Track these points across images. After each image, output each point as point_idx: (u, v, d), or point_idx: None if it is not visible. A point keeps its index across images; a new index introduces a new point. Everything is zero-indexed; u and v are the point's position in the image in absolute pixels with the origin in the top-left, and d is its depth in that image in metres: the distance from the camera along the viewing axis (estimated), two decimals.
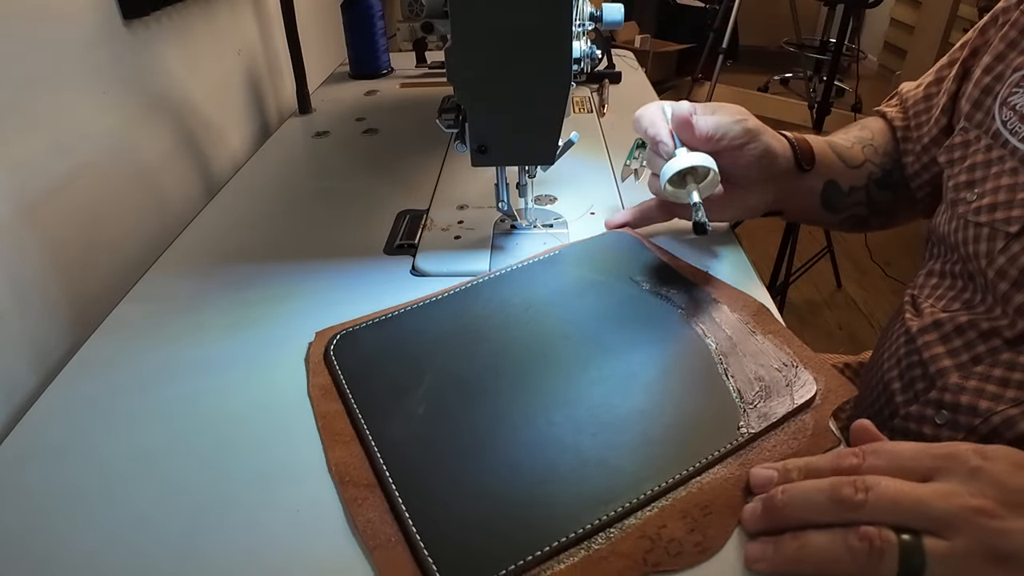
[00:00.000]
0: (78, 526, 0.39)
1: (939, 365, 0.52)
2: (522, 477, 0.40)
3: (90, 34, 0.64)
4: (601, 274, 0.57)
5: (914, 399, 0.54)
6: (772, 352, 0.48)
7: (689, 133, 0.57)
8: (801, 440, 0.42)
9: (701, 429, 0.43)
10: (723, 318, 0.52)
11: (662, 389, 0.46)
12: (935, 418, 0.51)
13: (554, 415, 0.44)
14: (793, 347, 0.49)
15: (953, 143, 0.57)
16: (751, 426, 0.42)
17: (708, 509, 0.38)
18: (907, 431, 0.52)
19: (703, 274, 0.57)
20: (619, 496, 0.39)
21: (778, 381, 0.46)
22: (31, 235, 0.56)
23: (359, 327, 0.53)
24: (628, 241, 0.62)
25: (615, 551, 0.36)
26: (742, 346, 0.49)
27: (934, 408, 0.51)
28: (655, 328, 0.51)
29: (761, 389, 0.45)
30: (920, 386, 0.54)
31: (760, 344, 0.49)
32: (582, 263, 0.59)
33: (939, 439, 0.50)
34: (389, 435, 0.44)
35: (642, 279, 0.57)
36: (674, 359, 0.49)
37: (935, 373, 0.52)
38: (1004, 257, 0.49)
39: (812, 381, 0.45)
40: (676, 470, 0.40)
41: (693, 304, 0.53)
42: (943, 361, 0.52)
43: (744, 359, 0.48)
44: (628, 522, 0.38)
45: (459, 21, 0.50)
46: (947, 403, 0.50)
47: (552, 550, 0.36)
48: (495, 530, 0.37)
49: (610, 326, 0.52)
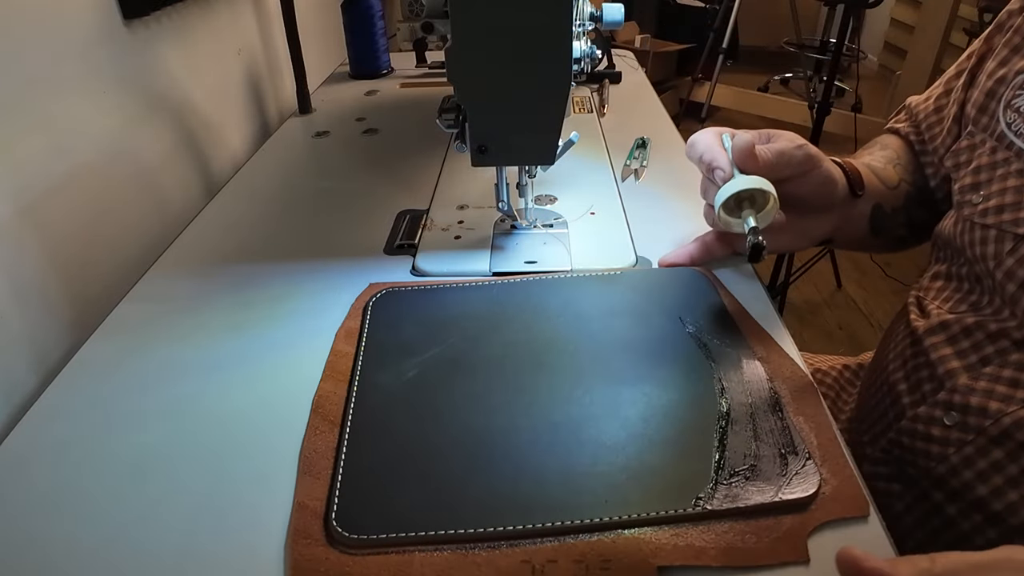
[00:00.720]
0: (78, 526, 0.39)
1: (947, 366, 0.52)
2: (465, 462, 0.41)
3: (90, 34, 0.64)
4: (650, 304, 0.55)
5: (921, 400, 0.53)
6: (789, 436, 0.43)
7: (753, 164, 0.53)
8: (760, 540, 0.37)
9: (656, 485, 0.40)
10: (754, 385, 0.47)
11: (640, 433, 0.43)
12: (944, 419, 0.50)
13: (524, 419, 0.44)
14: (821, 439, 0.43)
15: (959, 147, 0.57)
16: (710, 502, 0.38)
17: (608, 564, 0.36)
18: (915, 432, 0.52)
19: (763, 335, 0.52)
20: (536, 515, 0.38)
21: (772, 468, 0.41)
22: (31, 235, 0.56)
23: (403, 289, 0.57)
24: (699, 282, 0.58)
25: (492, 563, 0.36)
26: (757, 418, 0.44)
27: (943, 409, 0.51)
28: (673, 371, 0.48)
29: (748, 469, 0.41)
30: (927, 387, 0.53)
31: (778, 423, 0.44)
32: (637, 289, 0.57)
33: (948, 440, 0.50)
34: (372, 385, 0.47)
35: (690, 321, 0.53)
36: (672, 407, 0.45)
37: (943, 374, 0.52)
38: (1012, 259, 0.49)
39: (816, 481, 0.39)
40: (601, 512, 0.38)
41: (729, 361, 0.49)
42: (951, 362, 0.52)
43: (749, 432, 0.43)
44: (524, 543, 0.37)
45: (459, 21, 0.50)
46: (956, 404, 0.50)
47: (440, 537, 0.37)
48: (410, 498, 0.39)
49: (628, 356, 0.50)
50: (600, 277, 0.59)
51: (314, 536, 0.37)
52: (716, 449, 0.42)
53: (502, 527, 0.37)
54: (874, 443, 0.57)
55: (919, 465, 0.52)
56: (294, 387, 0.48)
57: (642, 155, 0.82)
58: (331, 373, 0.49)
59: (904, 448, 0.53)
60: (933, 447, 0.51)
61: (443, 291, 0.57)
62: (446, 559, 0.36)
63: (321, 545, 0.37)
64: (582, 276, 0.59)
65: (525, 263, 0.61)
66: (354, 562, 0.36)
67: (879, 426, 0.57)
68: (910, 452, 0.53)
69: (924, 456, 0.52)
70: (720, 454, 0.42)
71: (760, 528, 0.37)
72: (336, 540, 0.37)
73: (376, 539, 0.37)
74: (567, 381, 0.47)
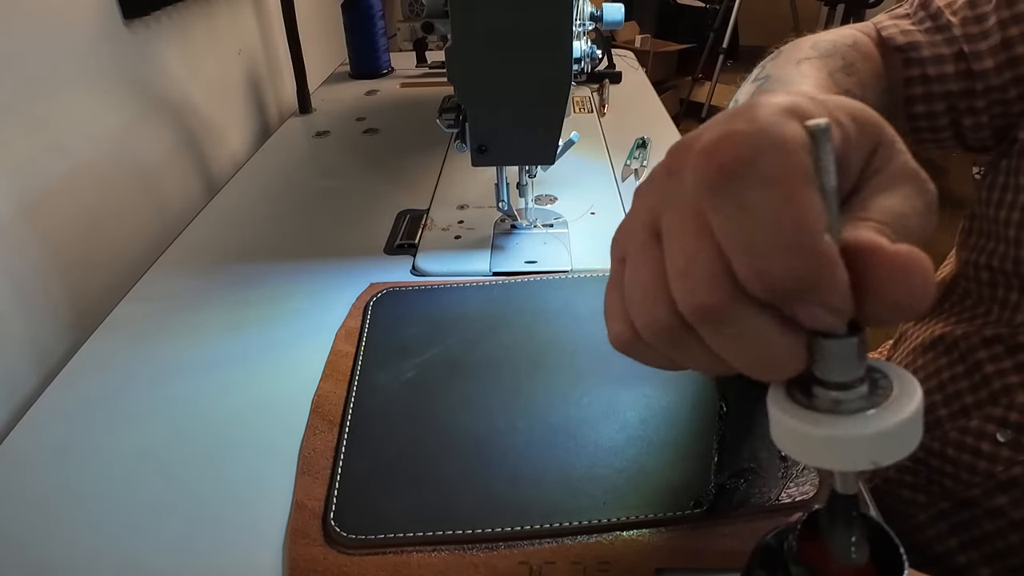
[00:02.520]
0: (78, 525, 0.39)
1: (1006, 381, 0.48)
2: (464, 463, 0.41)
3: (90, 34, 0.64)
4: None
5: (962, 413, 0.50)
6: None
7: None
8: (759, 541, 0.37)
9: (655, 486, 0.39)
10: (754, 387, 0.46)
11: (639, 434, 0.43)
12: (997, 435, 0.48)
13: (523, 420, 0.44)
14: None
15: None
16: (709, 504, 0.38)
17: (607, 566, 0.35)
18: (963, 444, 0.49)
19: None
20: (534, 516, 0.38)
21: (772, 470, 0.40)
22: (32, 235, 0.56)
23: (404, 289, 0.57)
24: None
25: (490, 564, 0.36)
26: (757, 420, 0.43)
27: (996, 425, 0.48)
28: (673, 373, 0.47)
29: (748, 471, 0.40)
30: (969, 399, 0.50)
31: None
32: None
33: (997, 457, 0.47)
34: (372, 385, 0.47)
35: None
36: (671, 409, 0.45)
37: (1000, 389, 0.48)
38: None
39: (816, 484, 0.39)
40: (600, 514, 0.38)
41: None
42: (1010, 377, 0.48)
43: (752, 434, 0.43)
44: (521, 544, 0.37)
45: (459, 21, 0.50)
46: (1012, 422, 0.47)
47: (437, 538, 0.37)
48: (409, 498, 0.39)
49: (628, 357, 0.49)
50: (600, 278, 0.59)
51: (312, 536, 0.37)
52: (715, 451, 0.42)
53: (500, 528, 0.37)
54: None
55: (962, 479, 0.49)
56: (294, 387, 0.48)
57: (642, 155, 0.82)
58: (331, 373, 0.49)
59: (946, 459, 0.50)
60: (981, 462, 0.48)
61: (443, 291, 0.57)
62: (444, 560, 0.36)
63: (319, 545, 0.37)
64: (582, 277, 0.59)
65: (525, 263, 0.61)
66: (352, 562, 0.36)
67: None
68: (952, 464, 0.50)
69: (969, 470, 0.49)
70: (719, 456, 0.41)
71: (759, 531, 0.37)
72: (334, 540, 0.37)
73: (374, 539, 0.37)
74: (566, 382, 0.47)
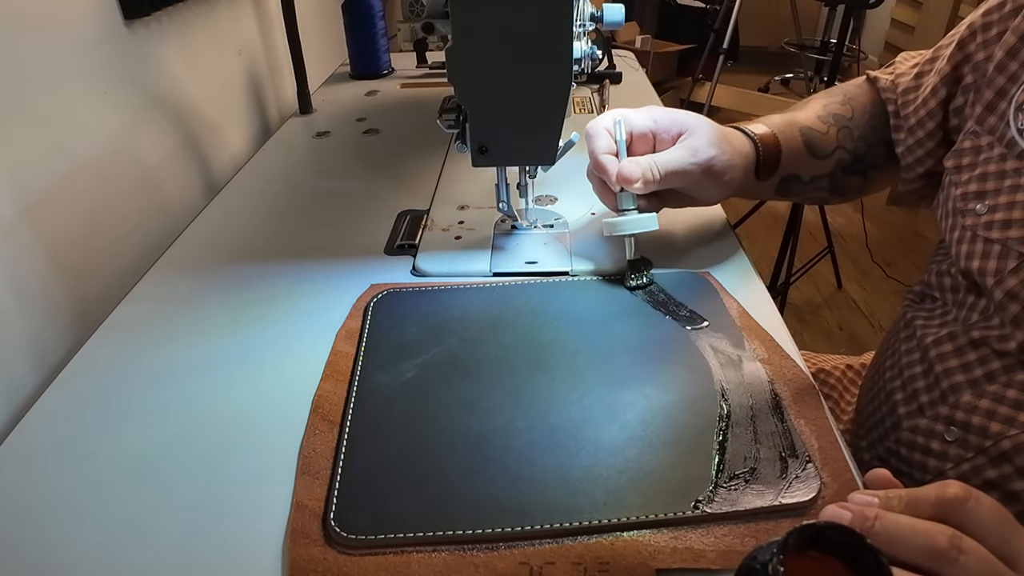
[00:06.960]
0: (78, 525, 0.39)
1: (952, 380, 0.50)
2: (464, 464, 0.41)
3: (91, 34, 0.64)
4: (650, 305, 0.56)
5: (918, 411, 0.52)
6: (790, 438, 0.43)
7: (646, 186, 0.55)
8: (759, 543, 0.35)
9: (655, 487, 0.39)
10: (754, 387, 0.47)
11: (639, 435, 0.43)
12: (945, 435, 0.49)
13: (523, 420, 0.44)
14: (822, 442, 0.42)
15: (962, 147, 0.53)
16: (709, 505, 0.38)
17: (607, 567, 0.35)
18: (914, 444, 0.51)
19: (764, 336, 0.52)
20: (535, 517, 0.38)
21: (772, 471, 0.40)
22: (32, 235, 0.56)
23: (405, 290, 0.58)
24: (700, 283, 0.58)
25: (490, 564, 0.36)
26: (757, 421, 0.44)
27: (944, 424, 0.49)
28: (672, 373, 0.48)
29: (748, 472, 0.40)
30: (925, 399, 0.52)
31: (779, 426, 0.44)
32: None
33: (947, 455, 0.49)
34: (373, 385, 0.47)
35: (690, 322, 0.53)
36: (671, 409, 0.45)
37: (947, 388, 0.50)
38: (1016, 278, 0.45)
39: (817, 485, 0.39)
40: (600, 514, 0.38)
41: (729, 363, 0.49)
42: (957, 376, 0.49)
43: (749, 435, 0.43)
44: (522, 544, 0.37)
45: (460, 21, 0.50)
46: (958, 421, 0.48)
47: (437, 538, 0.37)
48: (409, 499, 0.39)
49: (628, 358, 0.50)
50: (599, 279, 0.59)
51: (312, 536, 0.37)
52: (716, 452, 0.42)
53: (500, 528, 0.37)
54: (871, 449, 0.57)
55: (915, 477, 0.51)
56: (294, 387, 0.48)
57: None
58: (331, 373, 0.49)
59: (901, 459, 0.52)
60: (931, 460, 0.50)
61: (443, 292, 0.57)
62: (444, 560, 0.36)
63: (319, 545, 0.37)
64: (581, 279, 0.59)
65: (525, 263, 0.61)
66: (352, 562, 0.36)
67: (876, 433, 0.56)
68: (907, 463, 0.52)
69: (920, 469, 0.51)
70: (720, 457, 0.41)
71: (759, 531, 0.37)
72: (334, 540, 0.37)
73: (374, 539, 0.37)
74: (566, 383, 0.47)
